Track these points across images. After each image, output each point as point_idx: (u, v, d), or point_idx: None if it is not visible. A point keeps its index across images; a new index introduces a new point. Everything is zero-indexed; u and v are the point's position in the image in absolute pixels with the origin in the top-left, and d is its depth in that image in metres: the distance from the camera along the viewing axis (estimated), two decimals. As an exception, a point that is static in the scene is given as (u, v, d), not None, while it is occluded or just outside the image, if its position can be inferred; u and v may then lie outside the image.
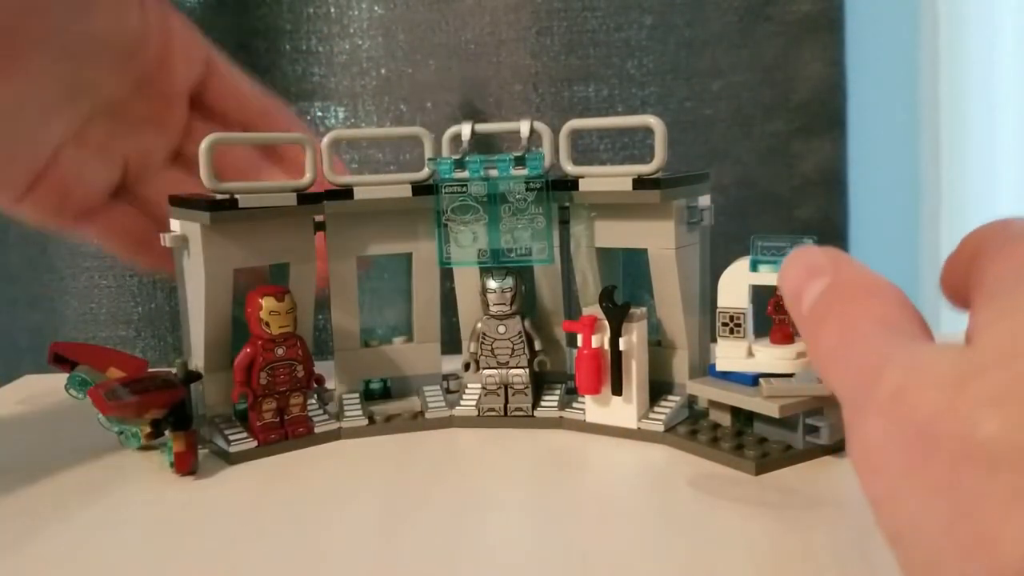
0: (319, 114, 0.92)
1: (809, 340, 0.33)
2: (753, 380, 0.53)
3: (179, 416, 0.53)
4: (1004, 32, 0.98)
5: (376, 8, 0.91)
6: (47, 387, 0.73)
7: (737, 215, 0.91)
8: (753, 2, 0.95)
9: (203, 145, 0.55)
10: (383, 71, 0.92)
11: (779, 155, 0.98)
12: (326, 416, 0.59)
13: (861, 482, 0.28)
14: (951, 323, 0.45)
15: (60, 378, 0.59)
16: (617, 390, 0.55)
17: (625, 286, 0.62)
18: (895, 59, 1.00)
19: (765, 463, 0.49)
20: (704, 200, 0.58)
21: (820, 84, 0.97)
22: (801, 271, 0.34)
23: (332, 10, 0.91)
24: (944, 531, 0.24)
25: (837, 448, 0.51)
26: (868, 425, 0.27)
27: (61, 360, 0.58)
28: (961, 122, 0.98)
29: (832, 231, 0.98)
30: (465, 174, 0.58)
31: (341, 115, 0.92)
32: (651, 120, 0.55)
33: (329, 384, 0.61)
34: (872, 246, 0.99)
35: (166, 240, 0.58)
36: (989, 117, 0.99)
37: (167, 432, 0.53)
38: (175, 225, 0.59)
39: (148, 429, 0.55)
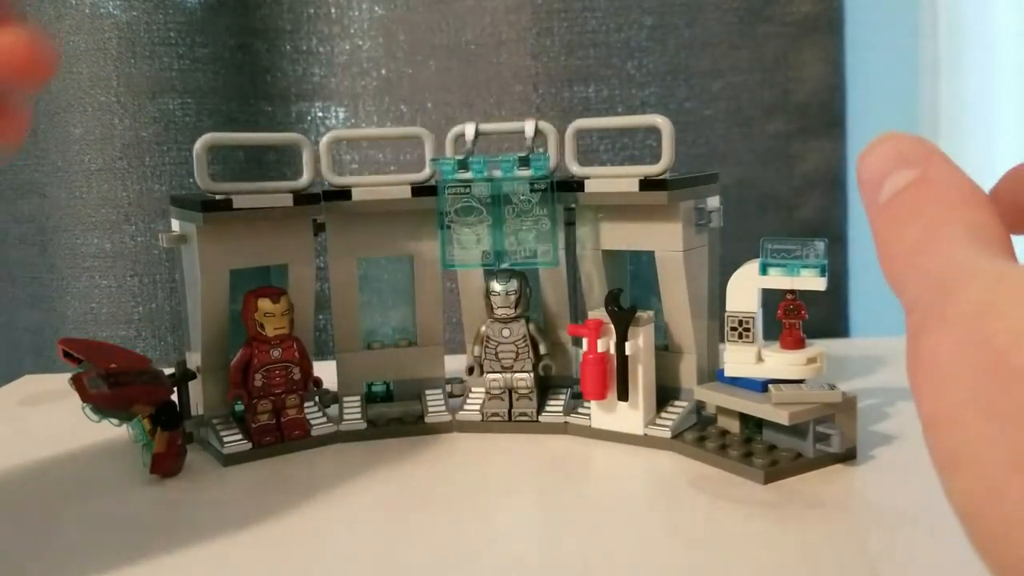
0: (319, 114, 0.92)
1: (880, 233, 0.30)
2: (762, 386, 0.52)
3: (168, 415, 0.53)
4: (1004, 32, 0.97)
5: (376, 9, 0.90)
6: (47, 387, 0.73)
7: (737, 215, 0.91)
8: (753, 2, 0.95)
9: (197, 146, 0.55)
10: (383, 71, 0.91)
11: (779, 155, 0.97)
12: (324, 419, 0.58)
13: (917, 396, 0.26)
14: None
15: (60, 378, 0.58)
16: (623, 395, 0.55)
17: (632, 289, 0.61)
18: (895, 59, 1.00)
19: (774, 471, 0.49)
20: (713, 201, 0.58)
21: (820, 84, 0.97)
22: (889, 156, 0.30)
23: (332, 11, 0.90)
24: (1012, 463, 0.23)
25: (848, 457, 0.50)
26: (938, 339, 0.25)
27: (69, 356, 0.57)
28: (960, 122, 0.98)
29: (832, 231, 0.98)
30: (468, 175, 0.57)
31: (341, 115, 0.92)
32: (658, 120, 0.55)
33: (331, 387, 0.61)
34: (872, 246, 0.99)
35: (164, 240, 0.58)
36: (988, 117, 0.98)
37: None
38: (174, 225, 0.58)
39: (149, 426, 0.54)
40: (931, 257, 0.27)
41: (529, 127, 0.59)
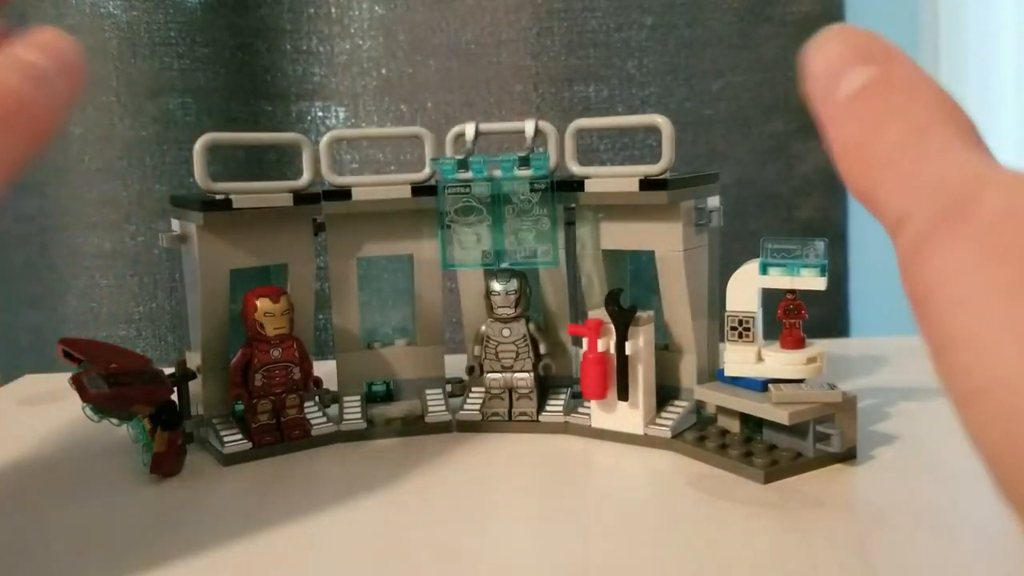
0: (320, 114, 0.92)
1: (845, 134, 0.27)
2: (762, 386, 0.52)
3: (169, 414, 0.53)
4: (1004, 32, 0.97)
5: (376, 8, 0.90)
6: (47, 387, 0.73)
7: (737, 215, 0.91)
8: (753, 2, 0.95)
9: (197, 145, 0.55)
10: (383, 71, 0.91)
11: (779, 155, 0.97)
12: (324, 419, 0.58)
13: (928, 319, 0.23)
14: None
15: (60, 378, 0.58)
16: (623, 395, 0.55)
17: (632, 289, 0.61)
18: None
19: (774, 471, 0.49)
20: (713, 201, 0.58)
21: (820, 85, 0.97)
22: (845, 50, 0.28)
23: (333, 10, 0.90)
24: None
25: (848, 456, 0.50)
26: (954, 251, 0.23)
27: (69, 356, 0.57)
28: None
29: (832, 231, 0.98)
30: (468, 175, 0.57)
31: (342, 115, 0.92)
32: (658, 120, 0.55)
33: (332, 386, 0.61)
34: (872, 246, 0.99)
35: (164, 240, 0.58)
36: (988, 117, 0.98)
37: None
38: (174, 225, 0.59)
39: (149, 425, 0.54)
40: (926, 163, 0.25)
41: (529, 127, 0.59)
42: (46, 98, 0.40)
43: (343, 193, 0.59)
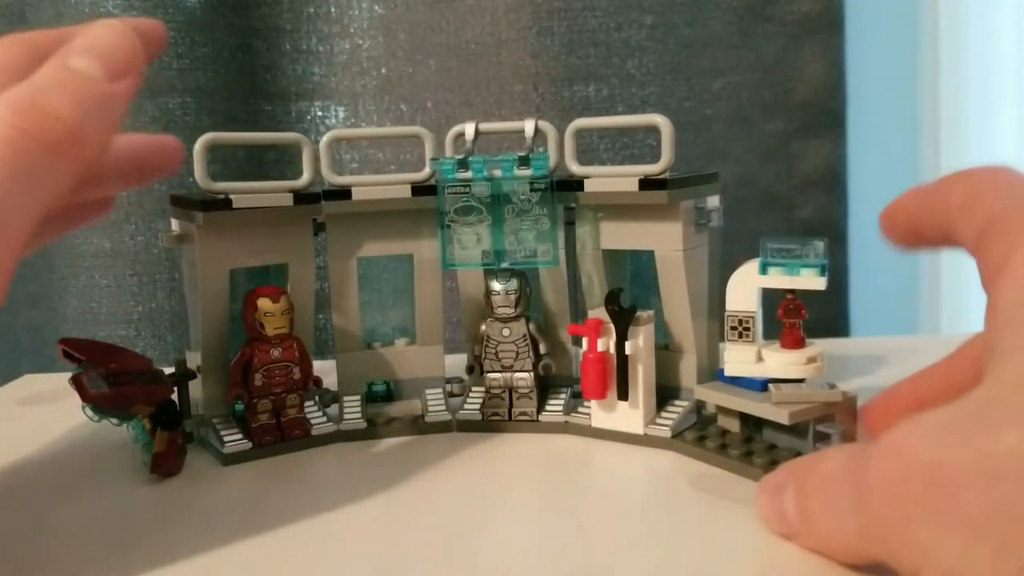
0: (319, 114, 0.92)
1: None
2: (762, 385, 0.52)
3: (168, 414, 0.53)
4: (1004, 32, 0.97)
5: (376, 8, 0.90)
6: (47, 387, 0.73)
7: (737, 215, 0.91)
8: (753, 2, 0.95)
9: (197, 145, 0.55)
10: (383, 71, 0.91)
11: (779, 155, 0.97)
12: (324, 418, 0.58)
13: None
14: (951, 324, 0.45)
15: (60, 378, 0.58)
16: (623, 395, 0.55)
17: (632, 288, 0.61)
18: (895, 59, 1.00)
19: (773, 471, 0.48)
20: (713, 201, 0.57)
21: (820, 84, 0.97)
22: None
23: (332, 9, 0.90)
24: None
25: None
26: None
27: (69, 356, 0.57)
28: (961, 122, 0.98)
29: (832, 231, 0.98)
30: (468, 174, 0.57)
31: (341, 115, 0.92)
32: (658, 119, 0.55)
33: (331, 386, 0.61)
34: (872, 246, 0.98)
35: (164, 240, 0.58)
36: (988, 117, 0.98)
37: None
38: (174, 225, 0.58)
39: (149, 425, 0.54)
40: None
41: (529, 127, 0.58)
42: (96, 120, 0.40)
43: (343, 193, 0.59)
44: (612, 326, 0.54)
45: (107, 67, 0.41)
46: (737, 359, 0.52)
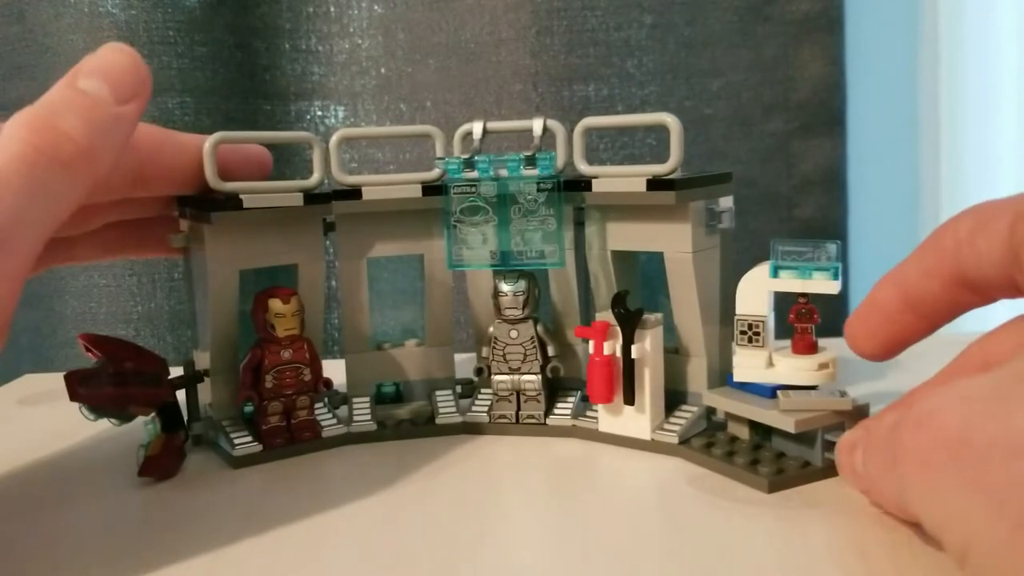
0: (319, 113, 0.92)
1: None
2: (771, 392, 0.51)
3: (168, 417, 0.52)
4: (1004, 32, 0.98)
5: (376, 7, 0.90)
6: (47, 386, 0.72)
7: (737, 215, 0.90)
8: (753, 2, 0.95)
9: (207, 145, 0.54)
10: (383, 70, 0.91)
11: (779, 155, 0.97)
12: (335, 420, 0.58)
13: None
14: (951, 325, 0.45)
15: (60, 378, 0.58)
16: (629, 399, 0.54)
17: (644, 291, 0.60)
18: (895, 59, 1.00)
19: (780, 480, 0.48)
20: (726, 202, 0.57)
21: (820, 84, 0.97)
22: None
23: (332, 9, 0.90)
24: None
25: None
26: None
27: (90, 351, 0.57)
28: (961, 122, 0.98)
29: (832, 231, 0.98)
30: (474, 174, 0.57)
31: (341, 114, 0.92)
32: (667, 119, 0.54)
33: (340, 387, 0.61)
34: (872, 246, 0.99)
35: (174, 240, 0.57)
36: (989, 117, 0.99)
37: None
38: (183, 225, 0.58)
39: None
40: None
41: (537, 126, 0.58)
42: (106, 141, 0.42)
43: (353, 193, 0.59)
44: (619, 329, 0.54)
45: (116, 90, 0.43)
46: (747, 364, 0.52)
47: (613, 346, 0.54)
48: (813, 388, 0.50)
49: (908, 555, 0.40)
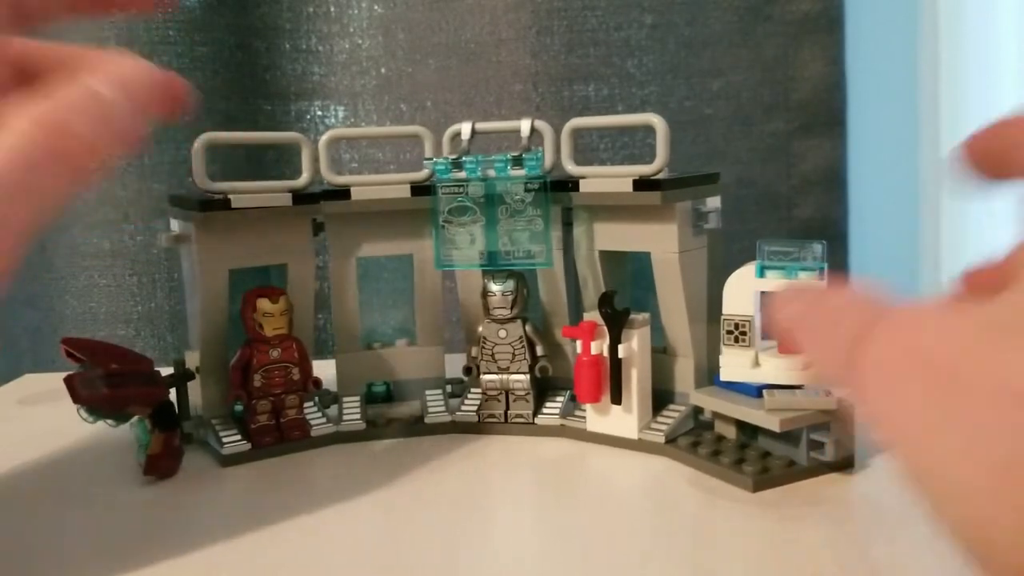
0: (319, 113, 0.92)
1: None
2: (758, 391, 0.51)
3: (164, 416, 0.53)
4: (1004, 32, 0.97)
5: (376, 7, 0.90)
6: (46, 386, 0.73)
7: (737, 215, 0.91)
8: (753, 2, 0.95)
9: (196, 145, 0.55)
10: (383, 70, 0.91)
11: (779, 155, 0.97)
12: (324, 419, 0.58)
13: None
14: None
15: (60, 377, 0.58)
16: (616, 399, 0.54)
17: (634, 291, 0.60)
18: (895, 59, 0.99)
19: (764, 479, 0.48)
20: (713, 202, 0.57)
21: (820, 84, 0.97)
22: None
23: (332, 9, 0.90)
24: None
25: (845, 465, 0.49)
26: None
27: (72, 356, 0.57)
28: (961, 122, 0.98)
29: (832, 231, 0.97)
30: (462, 175, 0.57)
31: (341, 114, 0.92)
32: (653, 119, 0.54)
33: (331, 387, 0.61)
34: (872, 246, 0.99)
35: (163, 240, 0.58)
36: (988, 117, 0.98)
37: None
38: (173, 224, 0.58)
39: (151, 426, 0.54)
40: None
41: (525, 126, 0.58)
42: (113, 148, 0.41)
43: (342, 193, 0.59)
44: (606, 329, 0.54)
45: (132, 101, 0.42)
46: (733, 364, 0.52)
47: (600, 346, 0.54)
48: (799, 387, 0.50)
49: (885, 553, 0.40)
